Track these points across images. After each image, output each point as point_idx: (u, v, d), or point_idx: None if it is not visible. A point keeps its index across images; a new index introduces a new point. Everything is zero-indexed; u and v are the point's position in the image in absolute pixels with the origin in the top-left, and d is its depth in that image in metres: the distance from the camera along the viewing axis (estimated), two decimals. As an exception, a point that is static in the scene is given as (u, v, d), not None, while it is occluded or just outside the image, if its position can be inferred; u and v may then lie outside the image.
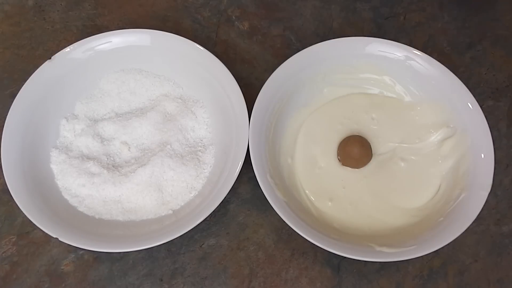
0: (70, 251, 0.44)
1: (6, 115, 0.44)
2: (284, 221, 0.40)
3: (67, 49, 0.48)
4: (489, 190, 0.42)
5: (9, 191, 0.41)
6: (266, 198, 0.41)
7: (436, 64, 0.47)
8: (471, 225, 0.40)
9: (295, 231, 0.40)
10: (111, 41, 0.49)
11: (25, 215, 0.40)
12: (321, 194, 0.45)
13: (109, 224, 0.43)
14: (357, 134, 0.48)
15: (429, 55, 0.48)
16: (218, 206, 0.41)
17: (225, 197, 0.41)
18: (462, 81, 0.46)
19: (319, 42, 0.48)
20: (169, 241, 0.40)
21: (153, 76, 0.50)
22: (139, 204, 0.44)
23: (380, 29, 0.57)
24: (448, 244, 0.39)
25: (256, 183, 0.42)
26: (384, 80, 0.50)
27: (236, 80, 0.46)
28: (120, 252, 0.44)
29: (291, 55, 0.47)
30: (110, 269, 0.44)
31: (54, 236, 0.40)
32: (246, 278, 0.44)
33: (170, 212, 0.44)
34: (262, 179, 0.41)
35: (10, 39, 0.54)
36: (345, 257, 0.40)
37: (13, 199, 0.41)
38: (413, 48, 0.48)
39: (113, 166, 0.46)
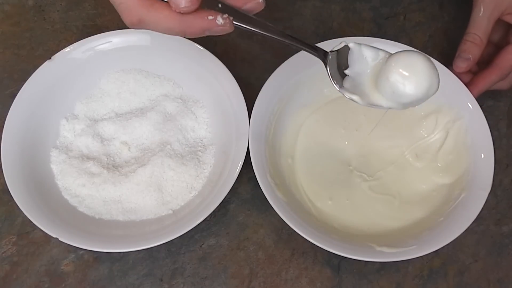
0: (70, 251, 0.44)
1: (6, 115, 0.44)
2: (284, 221, 0.40)
3: (67, 49, 0.48)
4: (489, 190, 0.42)
5: (9, 191, 0.41)
6: (266, 198, 0.41)
7: (436, 64, 0.47)
8: (471, 225, 0.40)
9: (295, 231, 0.40)
10: (111, 41, 0.48)
11: (25, 215, 0.40)
12: (321, 194, 0.45)
13: (109, 224, 0.43)
14: None
15: (429, 55, 0.47)
16: (218, 206, 0.41)
17: (225, 197, 0.41)
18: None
19: (319, 42, 0.48)
20: (169, 241, 0.40)
21: (153, 76, 0.50)
22: (139, 204, 0.44)
23: (380, 29, 0.57)
24: (448, 244, 0.39)
25: (256, 183, 0.42)
26: (384, 80, 0.50)
27: (236, 80, 0.46)
28: (120, 252, 0.44)
29: (291, 55, 0.47)
30: (110, 269, 0.44)
31: (54, 236, 0.40)
32: (246, 278, 0.44)
33: (170, 212, 0.44)
34: (262, 179, 0.41)
35: (10, 39, 0.54)
36: (345, 257, 0.40)
37: (13, 199, 0.41)
38: (413, 48, 0.48)
39: (113, 166, 0.46)
